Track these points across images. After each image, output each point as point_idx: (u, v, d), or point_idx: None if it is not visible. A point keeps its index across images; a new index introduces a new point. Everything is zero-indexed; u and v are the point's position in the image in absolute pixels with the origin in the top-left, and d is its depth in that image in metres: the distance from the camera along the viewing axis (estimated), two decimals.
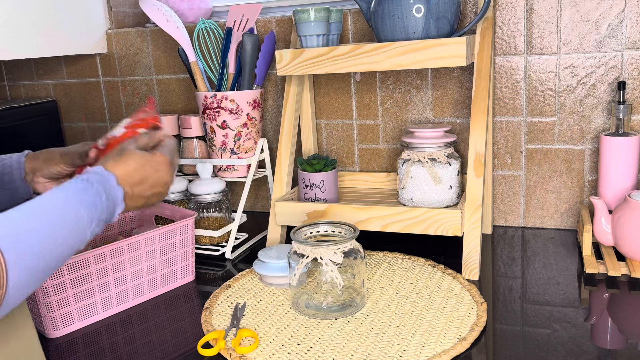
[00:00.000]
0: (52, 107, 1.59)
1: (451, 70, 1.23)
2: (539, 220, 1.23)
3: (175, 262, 1.05)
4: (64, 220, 0.62)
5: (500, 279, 1.01)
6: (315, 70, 1.07)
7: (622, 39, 1.10)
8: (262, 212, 1.46)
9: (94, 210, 0.65)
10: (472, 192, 1.03)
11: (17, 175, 0.86)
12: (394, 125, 1.31)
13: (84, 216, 0.64)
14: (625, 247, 0.99)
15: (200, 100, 1.26)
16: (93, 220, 0.65)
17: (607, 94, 1.13)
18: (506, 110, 1.20)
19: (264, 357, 0.79)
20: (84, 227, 0.64)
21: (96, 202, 0.65)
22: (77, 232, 0.63)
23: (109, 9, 1.52)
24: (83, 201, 0.64)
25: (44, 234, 0.59)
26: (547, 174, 1.21)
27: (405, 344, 0.80)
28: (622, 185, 1.08)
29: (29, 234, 0.57)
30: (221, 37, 1.34)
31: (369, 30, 1.27)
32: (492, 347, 0.80)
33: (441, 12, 1.01)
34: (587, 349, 0.78)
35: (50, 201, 0.62)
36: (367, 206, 1.07)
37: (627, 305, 0.90)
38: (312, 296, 0.92)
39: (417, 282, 0.99)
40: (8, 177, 0.85)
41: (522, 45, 1.17)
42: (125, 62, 1.53)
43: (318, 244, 0.88)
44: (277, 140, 1.34)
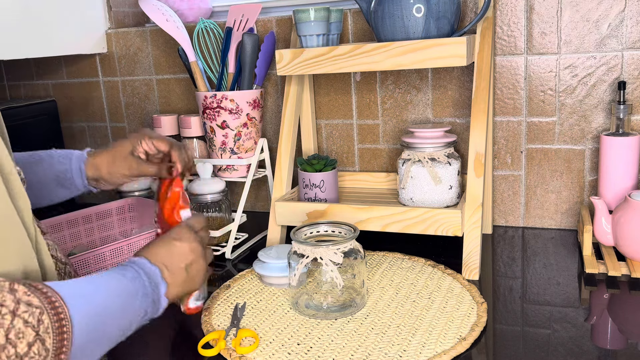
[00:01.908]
0: (51, 107, 1.59)
1: (451, 70, 1.23)
2: (539, 220, 1.23)
3: None
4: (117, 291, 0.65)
5: (501, 279, 1.01)
6: (315, 70, 1.07)
7: (622, 38, 1.10)
8: (262, 212, 1.46)
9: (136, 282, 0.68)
10: (472, 192, 1.03)
11: (78, 181, 0.90)
12: (394, 125, 1.30)
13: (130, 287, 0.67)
14: (625, 247, 0.99)
15: (200, 100, 1.26)
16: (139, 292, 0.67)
17: (607, 93, 1.13)
18: (506, 110, 1.20)
19: (264, 357, 0.78)
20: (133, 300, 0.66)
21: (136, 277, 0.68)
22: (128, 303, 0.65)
23: (108, 8, 1.52)
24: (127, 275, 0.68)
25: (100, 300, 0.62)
26: (547, 174, 1.21)
27: (406, 344, 0.80)
28: (622, 185, 1.08)
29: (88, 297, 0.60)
30: (221, 37, 1.34)
31: (369, 30, 1.27)
32: (492, 347, 0.80)
33: (441, 12, 1.01)
34: (588, 349, 0.78)
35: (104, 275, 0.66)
36: (367, 206, 1.07)
37: (627, 305, 0.90)
38: (312, 296, 0.92)
39: (417, 282, 0.99)
40: (69, 182, 0.89)
41: (523, 45, 1.17)
42: (125, 62, 1.53)
43: (318, 244, 0.88)
44: (277, 140, 1.34)
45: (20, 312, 0.51)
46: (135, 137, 0.91)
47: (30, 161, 0.90)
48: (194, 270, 0.76)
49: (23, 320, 0.51)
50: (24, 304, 0.52)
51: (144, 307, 0.67)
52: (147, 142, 0.90)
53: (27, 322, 0.51)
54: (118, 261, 0.96)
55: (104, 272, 0.67)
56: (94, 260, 0.93)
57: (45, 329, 0.52)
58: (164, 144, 0.91)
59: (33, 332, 0.51)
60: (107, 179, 0.92)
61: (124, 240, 0.96)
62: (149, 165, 0.90)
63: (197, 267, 0.76)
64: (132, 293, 0.66)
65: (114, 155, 0.91)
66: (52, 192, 0.90)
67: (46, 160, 0.90)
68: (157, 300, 0.70)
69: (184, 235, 0.77)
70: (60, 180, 0.90)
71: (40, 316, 0.52)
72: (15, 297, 0.52)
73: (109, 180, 0.92)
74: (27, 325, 0.51)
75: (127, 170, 0.90)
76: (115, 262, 0.95)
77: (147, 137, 0.91)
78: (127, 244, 0.96)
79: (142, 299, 0.67)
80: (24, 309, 0.51)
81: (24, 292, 0.53)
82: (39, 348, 0.51)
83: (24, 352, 0.50)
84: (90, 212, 1.14)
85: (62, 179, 0.90)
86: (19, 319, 0.51)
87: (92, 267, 0.92)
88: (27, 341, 0.51)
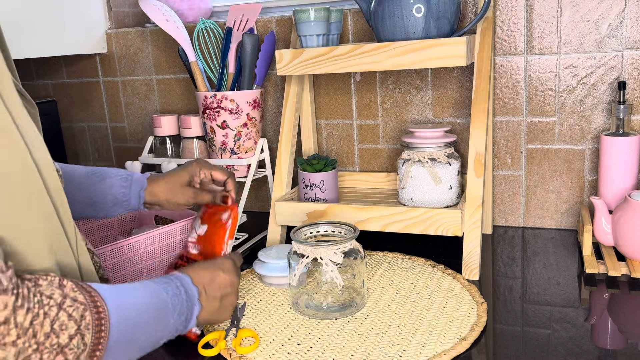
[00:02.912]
0: (51, 107, 1.59)
1: (451, 70, 1.23)
2: (539, 220, 1.23)
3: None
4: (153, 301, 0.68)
5: (501, 279, 1.01)
6: (315, 70, 1.07)
7: (622, 38, 1.10)
8: (262, 212, 1.46)
9: (175, 299, 0.71)
10: (472, 192, 1.03)
11: (135, 203, 0.96)
12: (394, 125, 1.30)
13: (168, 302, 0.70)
14: (625, 247, 0.99)
15: (200, 100, 1.26)
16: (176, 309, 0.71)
17: (607, 94, 1.13)
18: (506, 110, 1.20)
19: (264, 357, 0.78)
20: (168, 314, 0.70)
21: (177, 294, 0.72)
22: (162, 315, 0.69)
23: (108, 8, 1.52)
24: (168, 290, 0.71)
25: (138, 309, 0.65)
26: (547, 174, 1.21)
27: (406, 344, 0.80)
28: (622, 185, 1.08)
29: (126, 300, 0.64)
30: (221, 37, 1.34)
31: (369, 30, 1.27)
32: (492, 347, 0.80)
33: (441, 12, 1.01)
34: (588, 349, 0.78)
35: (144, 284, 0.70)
36: (367, 206, 1.07)
37: (627, 305, 0.90)
38: (312, 296, 0.92)
39: (417, 282, 0.99)
40: (126, 204, 0.95)
41: (522, 45, 1.17)
42: (125, 62, 1.53)
43: (318, 244, 0.88)
44: (277, 140, 1.34)
45: (66, 305, 0.55)
46: (192, 168, 0.97)
47: (92, 179, 0.95)
48: (227, 303, 0.80)
49: (67, 314, 0.55)
50: (70, 299, 0.56)
51: (177, 324, 0.71)
52: (204, 172, 0.97)
53: (71, 316, 0.55)
54: (118, 261, 0.96)
55: (147, 281, 0.71)
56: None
57: (86, 324, 0.56)
58: (220, 174, 0.98)
59: (75, 326, 0.55)
60: (164, 205, 0.97)
61: (124, 240, 0.96)
62: (205, 194, 0.96)
63: (231, 300, 0.80)
64: (169, 310, 0.69)
65: (172, 185, 0.97)
66: (108, 209, 0.95)
67: (107, 181, 0.95)
68: (189, 319, 0.73)
69: (229, 268, 0.81)
70: (118, 201, 0.96)
71: (84, 312, 0.56)
72: (63, 292, 0.56)
73: (165, 206, 0.98)
74: (71, 319, 0.55)
75: (184, 199, 0.96)
76: (115, 262, 0.95)
77: (206, 168, 0.97)
78: (127, 244, 0.96)
79: (177, 317, 0.71)
80: (70, 303, 0.55)
81: (72, 288, 0.57)
82: (79, 342, 0.55)
83: (65, 343, 0.54)
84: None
85: (119, 200, 0.96)
86: (64, 312, 0.54)
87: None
88: (69, 333, 0.54)
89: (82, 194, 0.94)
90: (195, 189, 0.96)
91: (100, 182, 0.95)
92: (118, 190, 0.95)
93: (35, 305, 0.52)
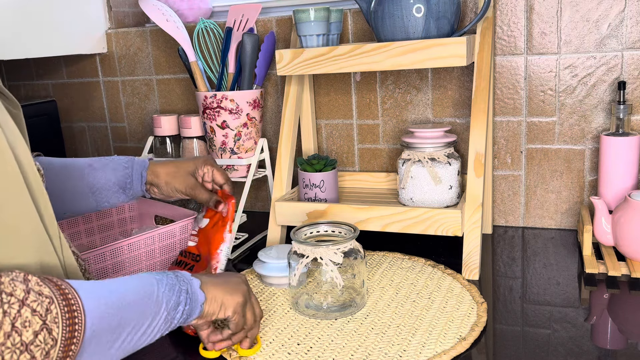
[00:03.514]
0: (51, 107, 1.59)
1: (451, 70, 1.23)
2: (539, 220, 1.23)
3: None
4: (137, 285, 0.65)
5: (501, 279, 1.01)
6: (315, 70, 1.07)
7: (622, 38, 1.10)
8: (262, 212, 1.46)
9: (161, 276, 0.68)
10: (472, 192, 1.03)
11: (137, 185, 0.97)
12: (394, 125, 1.30)
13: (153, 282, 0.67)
14: (625, 247, 0.99)
15: (200, 100, 1.26)
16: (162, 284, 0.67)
17: (607, 93, 1.13)
18: (506, 110, 1.20)
19: (264, 357, 0.78)
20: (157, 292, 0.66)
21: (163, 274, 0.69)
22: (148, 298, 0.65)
23: (108, 8, 1.52)
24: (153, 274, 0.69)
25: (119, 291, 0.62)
26: (547, 174, 1.21)
27: (405, 344, 0.80)
28: (622, 185, 1.08)
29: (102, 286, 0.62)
30: (221, 37, 1.34)
31: (369, 30, 1.27)
32: (492, 347, 0.80)
33: (441, 12, 1.01)
34: (587, 349, 0.78)
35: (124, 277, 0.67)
36: (367, 206, 1.07)
37: (627, 305, 0.90)
38: (312, 296, 0.92)
39: (417, 282, 0.99)
40: (129, 186, 0.96)
41: (523, 45, 1.17)
42: (125, 62, 1.53)
43: (318, 244, 0.88)
44: (277, 140, 1.34)
45: (30, 301, 0.52)
46: (199, 161, 0.99)
47: (95, 167, 0.95)
48: (231, 280, 0.76)
49: (31, 309, 0.52)
50: (34, 293, 0.53)
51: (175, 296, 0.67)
52: (208, 168, 0.98)
53: (35, 310, 0.52)
54: (118, 261, 0.96)
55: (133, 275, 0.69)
56: (94, 260, 0.93)
57: (53, 318, 0.53)
58: (221, 176, 0.98)
59: (40, 321, 0.52)
60: (162, 188, 0.97)
61: (124, 240, 0.96)
62: (204, 192, 0.96)
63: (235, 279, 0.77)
64: (154, 287, 0.66)
65: (177, 169, 0.98)
66: (112, 196, 0.96)
67: (110, 166, 0.96)
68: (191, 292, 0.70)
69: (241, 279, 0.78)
70: (121, 185, 0.96)
71: (49, 305, 0.53)
72: (27, 286, 0.53)
73: (164, 189, 0.98)
74: (35, 314, 0.52)
75: (183, 186, 0.97)
76: (115, 262, 0.95)
77: (210, 165, 0.98)
78: (127, 244, 0.96)
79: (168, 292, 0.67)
80: (33, 298, 0.52)
81: (36, 282, 0.54)
82: (45, 337, 0.52)
83: (30, 341, 0.51)
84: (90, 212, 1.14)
85: (122, 184, 0.96)
86: (27, 308, 0.52)
87: (92, 267, 0.92)
88: (33, 329, 0.51)
89: (86, 182, 0.94)
90: (197, 182, 0.97)
91: (103, 169, 0.96)
92: (121, 172, 0.96)
93: None
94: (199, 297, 0.71)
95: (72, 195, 0.94)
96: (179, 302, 0.68)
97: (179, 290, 0.68)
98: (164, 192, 0.98)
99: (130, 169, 0.97)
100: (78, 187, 0.94)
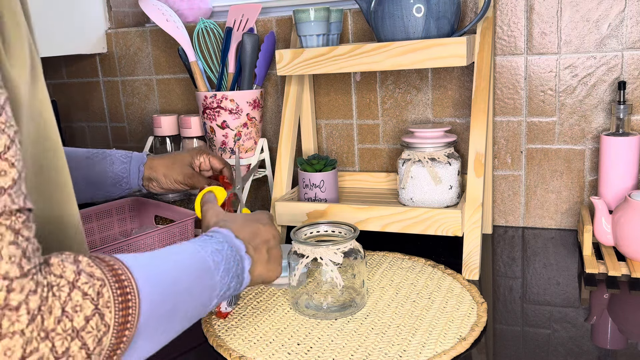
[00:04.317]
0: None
1: (451, 70, 1.23)
2: (539, 220, 1.23)
3: None
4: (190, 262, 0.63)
5: (501, 279, 1.01)
6: (315, 70, 1.07)
7: (622, 38, 1.10)
8: None
9: (217, 255, 0.66)
10: (472, 192, 1.03)
11: (134, 180, 0.98)
12: (394, 125, 1.30)
13: (209, 261, 0.65)
14: (625, 247, 0.99)
15: (200, 100, 1.26)
16: (220, 266, 0.66)
17: (607, 93, 1.13)
18: (506, 110, 1.20)
19: (264, 357, 0.78)
20: (212, 273, 0.64)
21: (220, 250, 0.67)
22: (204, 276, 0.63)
23: (108, 8, 1.52)
24: (206, 248, 0.66)
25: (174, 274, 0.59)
26: (547, 174, 1.21)
27: (405, 344, 0.80)
28: (622, 185, 1.08)
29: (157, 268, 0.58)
30: (221, 37, 1.34)
31: (369, 30, 1.27)
32: (492, 347, 0.80)
33: (441, 12, 1.01)
34: (588, 349, 0.78)
35: (177, 247, 0.65)
36: (367, 206, 1.07)
37: (627, 305, 0.90)
38: (312, 296, 0.92)
39: (417, 282, 0.99)
40: (125, 180, 0.98)
41: (523, 45, 1.17)
42: (125, 62, 1.53)
43: (318, 244, 0.88)
44: (277, 140, 1.34)
45: (80, 283, 0.48)
46: (194, 151, 1.00)
47: (93, 158, 0.97)
48: (274, 255, 0.76)
49: (82, 293, 0.48)
50: (85, 275, 0.49)
51: (226, 281, 0.66)
52: (204, 157, 1.00)
53: (87, 294, 0.48)
54: None
55: (183, 243, 0.66)
56: None
57: (105, 302, 0.49)
58: (218, 162, 1.00)
59: (92, 305, 0.48)
60: (161, 181, 0.99)
61: (124, 240, 0.96)
62: (201, 179, 0.98)
63: (276, 253, 0.76)
64: (210, 269, 0.64)
65: (173, 161, 0.99)
66: (109, 188, 0.97)
67: (108, 159, 0.97)
68: (240, 275, 0.69)
69: (267, 221, 0.78)
70: (118, 178, 0.97)
71: (101, 289, 0.49)
72: (78, 267, 0.49)
73: (163, 182, 0.99)
74: (86, 298, 0.48)
75: (182, 177, 0.98)
76: None
77: (206, 154, 1.00)
78: (127, 244, 0.96)
79: (223, 275, 0.65)
80: (85, 280, 0.49)
81: (87, 264, 0.50)
82: (97, 322, 0.48)
83: (81, 327, 0.47)
84: (90, 212, 1.14)
85: (120, 177, 0.97)
86: (78, 291, 0.48)
87: None
88: (85, 314, 0.48)
89: (82, 173, 0.95)
90: (194, 171, 0.98)
91: (101, 161, 0.97)
92: (118, 166, 0.97)
93: (45, 288, 0.46)
94: (245, 281, 0.70)
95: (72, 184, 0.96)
96: (229, 288, 0.67)
97: (233, 276, 0.67)
98: (163, 185, 0.99)
99: (128, 164, 0.98)
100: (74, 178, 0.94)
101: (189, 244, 0.65)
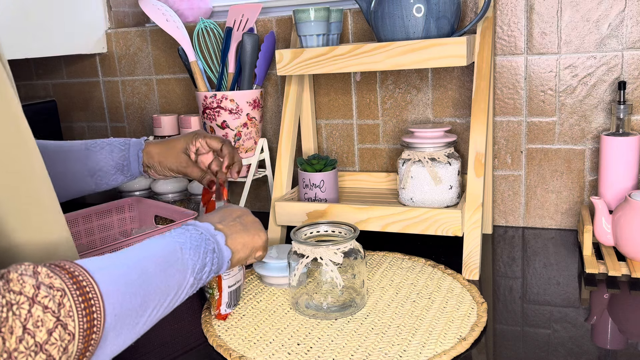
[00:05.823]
0: (51, 107, 1.59)
1: (451, 70, 1.23)
2: (539, 220, 1.23)
3: None
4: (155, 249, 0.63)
5: (501, 279, 1.01)
6: (315, 70, 1.07)
7: (622, 38, 1.10)
8: (262, 212, 1.46)
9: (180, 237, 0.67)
10: (472, 192, 1.03)
11: (135, 166, 0.98)
12: (394, 125, 1.30)
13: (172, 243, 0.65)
14: (625, 247, 0.99)
15: (200, 100, 1.26)
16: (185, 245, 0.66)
17: (607, 93, 1.13)
18: (506, 110, 1.20)
19: (264, 357, 0.78)
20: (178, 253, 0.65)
21: (183, 232, 0.68)
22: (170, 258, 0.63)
23: (108, 8, 1.52)
24: (170, 234, 0.68)
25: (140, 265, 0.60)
26: (547, 174, 1.20)
27: (406, 344, 0.80)
28: (622, 185, 1.08)
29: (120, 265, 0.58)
30: (221, 37, 1.34)
31: (369, 30, 1.27)
32: (492, 347, 0.80)
33: (441, 11, 1.01)
34: (588, 349, 0.78)
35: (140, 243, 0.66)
36: (367, 206, 1.07)
37: (627, 305, 0.90)
38: (312, 296, 0.92)
39: (417, 282, 0.99)
40: (127, 168, 0.98)
41: (523, 45, 1.17)
42: (125, 62, 1.53)
43: (318, 244, 0.88)
44: (277, 140, 1.34)
45: (40, 297, 0.49)
46: (189, 136, 0.99)
47: (92, 150, 0.97)
48: (248, 221, 0.77)
49: (42, 307, 0.48)
50: (44, 287, 0.49)
51: (198, 258, 0.66)
52: (200, 140, 0.98)
53: (47, 307, 0.49)
54: None
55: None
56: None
57: (67, 312, 0.50)
58: (216, 141, 0.98)
59: (53, 318, 0.49)
60: (157, 168, 0.99)
61: (123, 240, 0.96)
62: (196, 169, 0.97)
63: (250, 219, 0.78)
64: (175, 249, 0.64)
65: (167, 148, 0.98)
66: (110, 178, 0.97)
67: (107, 148, 0.97)
68: (216, 249, 0.69)
69: (238, 207, 0.81)
70: (118, 166, 0.97)
71: (62, 299, 0.50)
72: (37, 280, 0.49)
73: (159, 170, 0.99)
74: (47, 311, 0.48)
75: (175, 165, 0.97)
76: None
77: (202, 137, 0.98)
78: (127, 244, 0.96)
79: (191, 252, 0.66)
80: (44, 293, 0.49)
81: (47, 274, 0.50)
82: (61, 333, 0.49)
83: (44, 340, 0.48)
84: (90, 212, 1.14)
85: (119, 165, 0.97)
86: (38, 306, 0.48)
87: None
88: (47, 328, 0.48)
89: (81, 164, 0.95)
90: (189, 159, 0.97)
91: (100, 151, 0.97)
92: (118, 154, 0.97)
93: (4, 308, 0.46)
94: (225, 253, 0.70)
95: (72, 177, 0.96)
96: (205, 264, 0.66)
97: (205, 251, 0.67)
98: (159, 172, 0.99)
99: (126, 151, 0.98)
100: (76, 170, 0.95)
101: (152, 238, 0.67)
